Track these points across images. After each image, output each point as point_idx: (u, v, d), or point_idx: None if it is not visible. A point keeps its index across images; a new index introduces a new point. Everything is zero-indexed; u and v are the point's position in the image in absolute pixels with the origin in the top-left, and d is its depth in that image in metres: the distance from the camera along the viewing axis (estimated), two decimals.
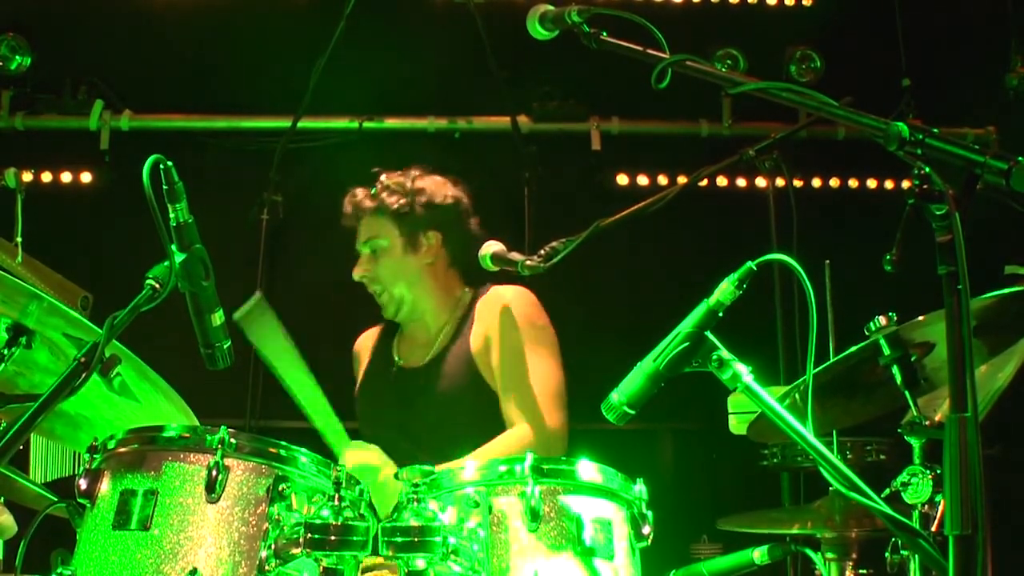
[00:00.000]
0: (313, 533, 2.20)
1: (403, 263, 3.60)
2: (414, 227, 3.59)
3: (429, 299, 3.64)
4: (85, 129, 5.44)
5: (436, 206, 3.60)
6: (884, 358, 2.62)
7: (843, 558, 3.46)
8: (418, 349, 3.67)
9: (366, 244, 3.62)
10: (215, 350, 2.36)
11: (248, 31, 5.45)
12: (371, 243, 3.61)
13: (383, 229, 3.60)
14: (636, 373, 2.27)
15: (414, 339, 3.70)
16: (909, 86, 5.45)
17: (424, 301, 3.64)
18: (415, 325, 3.70)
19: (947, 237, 1.79)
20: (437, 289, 3.65)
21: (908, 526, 2.04)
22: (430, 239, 3.61)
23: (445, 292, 3.66)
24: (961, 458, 1.74)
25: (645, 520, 2.43)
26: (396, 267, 3.60)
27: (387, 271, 3.60)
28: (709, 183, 5.32)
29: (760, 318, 4.13)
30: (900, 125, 1.84)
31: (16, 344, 2.57)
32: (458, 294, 3.68)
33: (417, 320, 3.67)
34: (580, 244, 3.05)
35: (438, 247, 3.62)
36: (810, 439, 2.11)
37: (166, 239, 2.27)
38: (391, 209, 3.58)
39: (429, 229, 3.61)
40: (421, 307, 3.64)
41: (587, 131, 5.57)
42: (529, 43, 2.48)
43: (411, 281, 3.61)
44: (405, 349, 3.70)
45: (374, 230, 3.61)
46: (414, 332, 3.71)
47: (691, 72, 2.16)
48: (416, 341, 3.69)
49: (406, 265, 3.60)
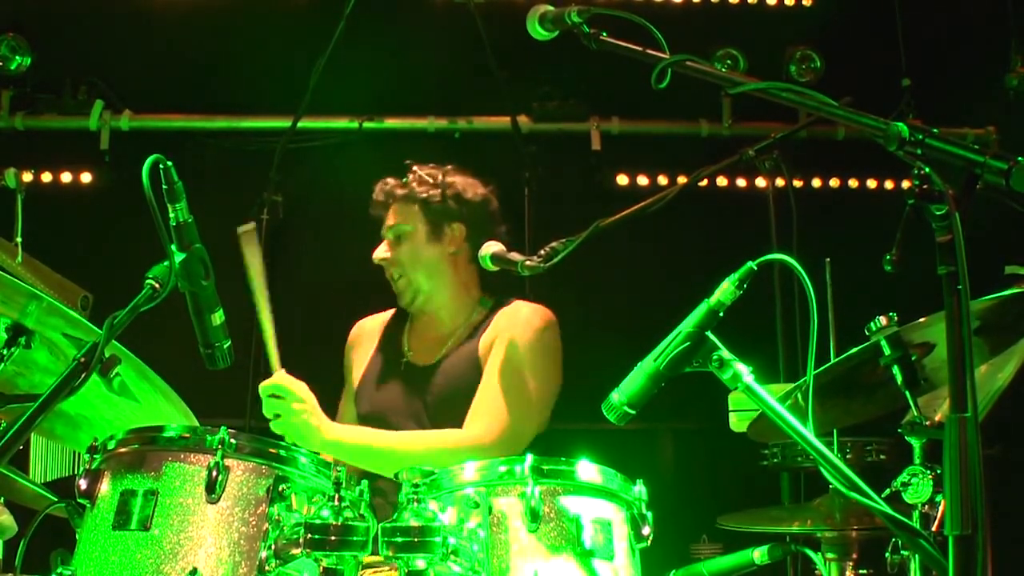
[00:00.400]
0: (313, 533, 2.20)
1: (425, 250, 3.60)
2: (440, 217, 3.60)
3: (445, 291, 3.62)
4: (85, 129, 5.44)
5: (465, 200, 3.62)
6: (884, 358, 2.62)
7: (843, 558, 3.46)
8: (428, 345, 3.64)
9: (391, 230, 3.63)
10: (215, 350, 2.36)
11: (248, 31, 5.45)
12: (396, 228, 3.62)
13: (410, 216, 3.61)
14: (636, 373, 2.27)
15: (425, 334, 3.68)
16: (909, 86, 5.45)
17: (441, 292, 3.62)
18: (427, 318, 3.67)
19: (947, 237, 1.79)
20: (455, 283, 3.63)
21: (908, 526, 2.04)
22: (454, 230, 3.61)
23: (463, 288, 3.64)
24: (961, 458, 1.74)
25: (645, 521, 2.43)
26: (417, 253, 3.60)
27: (408, 256, 3.60)
28: (709, 183, 5.32)
29: (760, 318, 4.13)
30: (900, 125, 1.84)
31: (16, 344, 2.57)
32: (476, 295, 3.65)
33: (430, 312, 3.65)
34: (580, 244, 3.04)
35: (461, 239, 3.61)
36: (810, 439, 2.11)
37: (166, 239, 2.27)
38: (420, 197, 3.60)
39: (455, 221, 3.61)
40: (437, 299, 3.62)
41: (587, 131, 5.57)
42: (529, 43, 2.48)
43: (430, 269, 3.61)
44: (415, 343, 3.68)
45: (401, 216, 3.62)
46: (425, 326, 3.68)
47: (691, 72, 2.16)
48: (427, 336, 3.67)
49: (428, 252, 3.60)
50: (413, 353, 3.65)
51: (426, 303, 3.63)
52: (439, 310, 3.64)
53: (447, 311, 3.64)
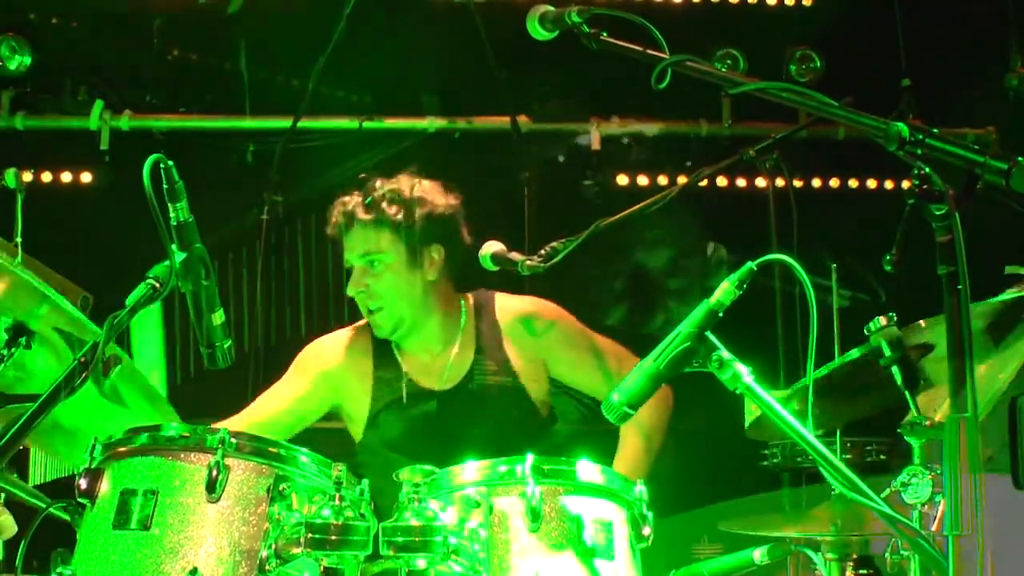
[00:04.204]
0: (314, 533, 2.20)
1: (407, 280, 3.36)
2: (416, 241, 3.36)
3: (432, 318, 3.43)
4: (85, 129, 5.43)
5: (436, 218, 3.38)
6: (885, 359, 2.62)
7: (843, 558, 3.45)
8: (427, 368, 3.45)
9: (363, 257, 3.36)
10: (215, 349, 2.36)
11: (248, 31, 5.45)
12: (370, 256, 3.35)
13: (383, 242, 3.35)
14: (636, 373, 2.27)
15: (416, 356, 3.47)
16: (909, 86, 5.45)
17: (427, 322, 3.42)
18: (411, 340, 3.46)
19: (947, 237, 1.79)
20: (440, 307, 3.44)
21: (908, 526, 2.04)
22: (432, 254, 3.39)
23: (447, 307, 3.46)
24: (961, 458, 1.74)
25: (645, 521, 2.44)
26: (399, 284, 3.36)
27: (388, 288, 3.35)
28: (709, 183, 5.31)
29: (760, 318, 4.13)
30: (900, 125, 1.83)
31: (16, 344, 2.57)
32: (456, 303, 3.50)
33: (415, 337, 3.45)
34: (580, 244, 3.04)
35: (441, 262, 3.41)
36: (810, 439, 2.11)
37: (166, 238, 2.27)
38: (391, 220, 3.34)
39: (431, 243, 3.39)
40: (422, 327, 3.42)
41: (587, 131, 5.57)
42: (529, 43, 2.48)
43: (414, 301, 3.38)
44: (414, 367, 3.46)
45: (372, 243, 3.35)
46: (412, 348, 3.47)
47: (691, 72, 2.16)
48: (419, 359, 3.47)
49: (410, 283, 3.36)
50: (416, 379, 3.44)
51: (409, 332, 3.41)
52: (425, 334, 3.44)
53: (434, 333, 3.45)
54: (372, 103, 5.53)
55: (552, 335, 3.47)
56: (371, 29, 5.23)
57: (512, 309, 3.52)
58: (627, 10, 2.33)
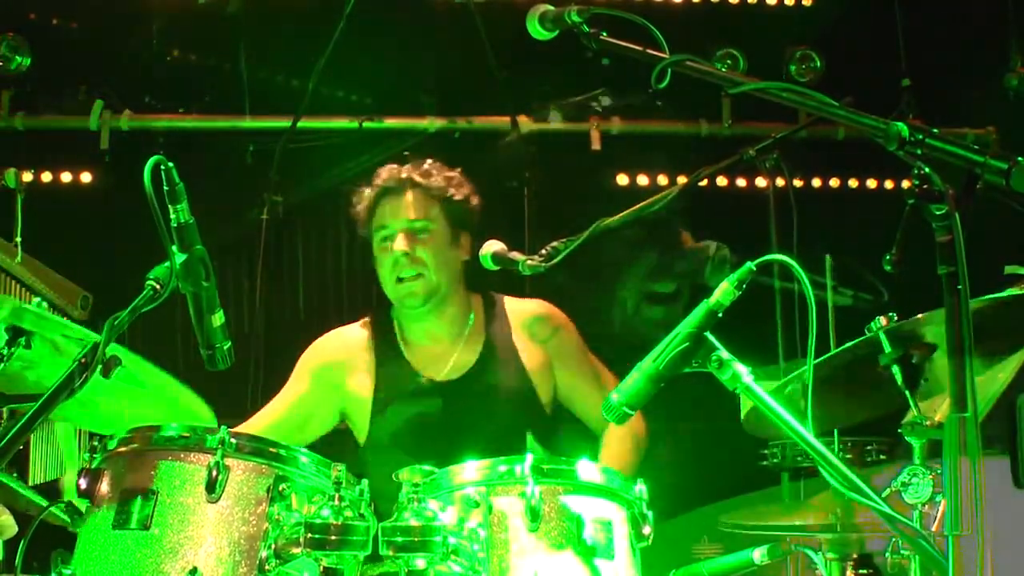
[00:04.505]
0: (313, 533, 2.20)
1: (448, 254, 3.41)
2: (456, 221, 3.43)
3: (454, 300, 3.47)
4: (85, 129, 5.43)
5: (471, 207, 3.47)
6: (885, 357, 2.62)
7: (844, 558, 3.46)
8: (434, 359, 3.47)
9: (412, 223, 3.36)
10: (215, 351, 2.36)
11: (248, 31, 5.44)
12: (420, 222, 3.36)
13: (432, 211, 3.38)
14: (636, 373, 2.27)
15: (422, 347, 3.49)
16: (909, 86, 5.44)
17: (450, 302, 3.46)
18: (419, 328, 3.48)
19: (947, 237, 1.79)
20: (461, 293, 3.49)
21: (908, 526, 2.04)
22: (463, 239, 3.46)
23: (464, 297, 3.51)
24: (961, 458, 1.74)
25: (645, 520, 2.44)
26: (442, 253, 3.39)
27: (432, 256, 3.36)
28: (709, 183, 5.31)
29: (760, 317, 4.13)
30: (900, 125, 1.83)
31: (16, 344, 2.57)
32: (467, 299, 3.53)
33: (429, 321, 3.46)
34: (580, 244, 3.04)
35: (468, 249, 3.45)
36: (809, 439, 2.11)
37: (167, 240, 2.26)
38: (444, 194, 3.38)
39: (464, 228, 3.46)
40: (445, 306, 3.45)
41: (587, 131, 5.57)
42: (529, 43, 2.48)
43: (451, 275, 3.41)
44: (419, 359, 3.47)
45: (423, 210, 3.37)
46: (418, 338, 3.49)
47: (691, 72, 2.16)
48: (427, 350, 3.49)
49: (449, 257, 3.42)
50: (423, 370, 3.46)
51: (435, 307, 3.43)
52: (441, 315, 3.47)
53: (449, 318, 3.48)
54: (372, 103, 5.53)
55: (560, 338, 3.52)
56: (371, 29, 5.22)
57: (524, 310, 3.56)
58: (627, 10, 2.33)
